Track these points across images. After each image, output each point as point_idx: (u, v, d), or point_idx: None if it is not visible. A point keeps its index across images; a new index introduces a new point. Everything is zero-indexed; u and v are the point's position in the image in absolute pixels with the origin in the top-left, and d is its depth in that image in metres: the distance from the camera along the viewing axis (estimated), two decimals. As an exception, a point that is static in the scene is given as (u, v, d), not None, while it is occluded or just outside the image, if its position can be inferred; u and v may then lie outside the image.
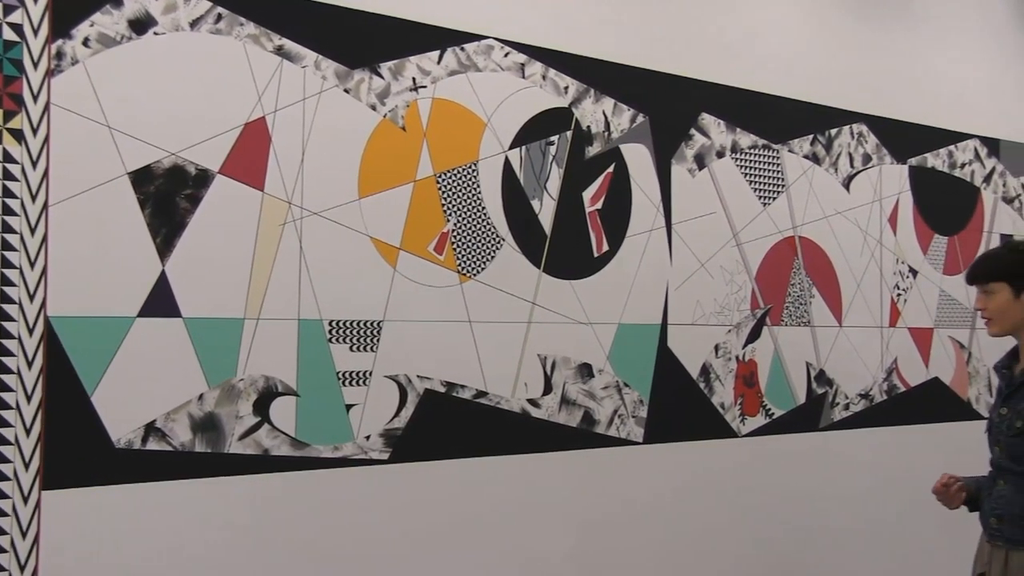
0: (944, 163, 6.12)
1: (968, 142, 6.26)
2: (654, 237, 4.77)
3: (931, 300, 6.04)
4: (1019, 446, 2.86)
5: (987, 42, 6.43)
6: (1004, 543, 2.90)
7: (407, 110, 4.06)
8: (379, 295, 3.97)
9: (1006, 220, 6.48)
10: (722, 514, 5.00)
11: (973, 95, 6.33)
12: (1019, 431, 2.86)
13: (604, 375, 4.58)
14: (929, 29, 6.08)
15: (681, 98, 4.90)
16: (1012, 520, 2.87)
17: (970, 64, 6.32)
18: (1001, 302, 2.94)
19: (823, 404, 5.46)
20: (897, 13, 5.92)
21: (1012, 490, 2.88)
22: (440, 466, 4.10)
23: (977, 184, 6.31)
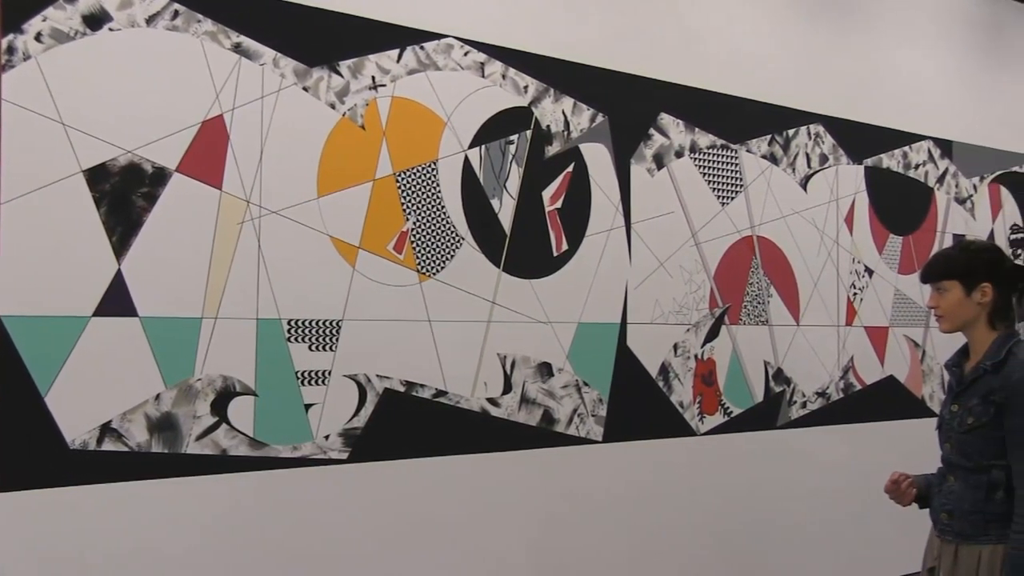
0: (899, 164, 6.19)
1: (922, 143, 6.34)
2: (613, 236, 4.79)
3: (886, 299, 6.10)
4: (970, 442, 2.89)
5: (940, 45, 6.52)
6: (954, 538, 2.94)
7: (366, 109, 4.05)
8: (338, 294, 3.95)
9: (959, 220, 6.56)
10: (681, 512, 5.03)
11: (927, 97, 6.41)
12: (970, 428, 2.89)
13: (564, 374, 4.59)
14: (884, 31, 6.15)
15: (640, 98, 4.92)
16: (962, 515, 2.91)
17: (924, 66, 6.40)
18: (953, 300, 2.97)
19: (781, 402, 5.50)
20: (853, 15, 5.98)
21: (962, 486, 2.92)
22: (399, 465, 4.09)
23: (931, 185, 6.39)
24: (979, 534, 2.87)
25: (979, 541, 2.87)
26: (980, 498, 2.87)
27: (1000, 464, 2.84)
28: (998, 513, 2.84)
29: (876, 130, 6.06)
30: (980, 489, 2.87)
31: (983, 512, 2.87)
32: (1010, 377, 2.83)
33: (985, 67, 6.82)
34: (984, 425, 2.86)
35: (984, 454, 2.87)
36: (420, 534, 4.13)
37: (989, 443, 2.85)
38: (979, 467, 2.88)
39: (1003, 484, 2.83)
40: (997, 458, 2.84)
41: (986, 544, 2.85)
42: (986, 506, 2.86)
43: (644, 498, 4.88)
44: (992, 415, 2.84)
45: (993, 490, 2.85)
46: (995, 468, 2.85)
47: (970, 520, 2.89)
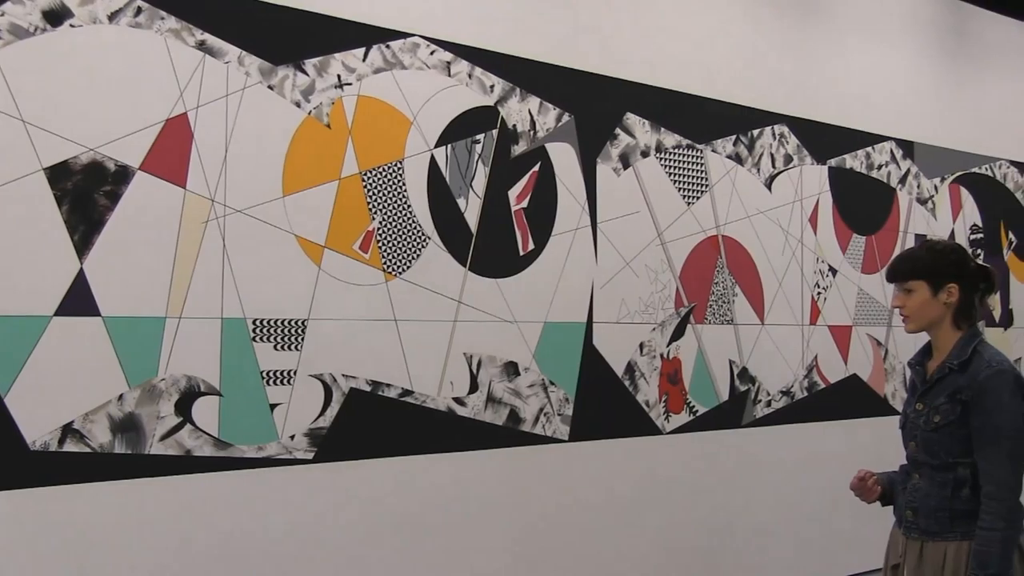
0: (862, 164, 6.25)
1: (885, 144, 6.40)
2: (579, 236, 4.80)
3: (850, 298, 6.16)
4: (936, 441, 2.91)
5: (903, 47, 6.58)
6: (919, 535, 2.96)
7: (332, 107, 4.03)
8: (304, 293, 3.93)
9: (920, 220, 6.63)
10: (647, 510, 5.05)
11: (889, 98, 6.47)
12: (937, 426, 2.90)
13: (530, 373, 4.59)
14: (848, 33, 6.21)
15: (606, 98, 4.94)
16: (928, 512, 2.93)
17: (886, 68, 6.46)
18: (920, 300, 2.97)
19: (746, 401, 5.53)
20: (818, 17, 6.02)
21: (928, 484, 2.94)
22: (365, 465, 4.08)
23: (893, 185, 6.46)
24: (945, 531, 2.89)
25: (945, 538, 2.89)
26: (946, 495, 2.89)
27: (966, 462, 2.87)
28: (964, 510, 2.86)
29: (840, 131, 6.12)
30: (946, 487, 2.90)
31: (949, 509, 2.89)
32: (977, 376, 2.85)
33: (947, 69, 6.89)
34: (951, 423, 2.88)
35: (950, 452, 2.88)
36: (386, 534, 4.12)
37: (955, 441, 2.87)
38: (945, 465, 2.90)
39: (969, 482, 2.86)
40: (963, 456, 2.86)
41: (952, 541, 2.87)
42: (952, 503, 2.88)
43: (610, 497, 4.89)
44: (959, 414, 2.86)
45: (959, 487, 2.87)
46: (961, 466, 2.87)
47: (936, 517, 2.91)
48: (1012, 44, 7.45)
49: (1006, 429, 2.79)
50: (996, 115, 7.28)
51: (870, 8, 6.35)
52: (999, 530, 2.74)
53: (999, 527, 2.74)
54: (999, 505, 2.76)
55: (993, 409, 2.81)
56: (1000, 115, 7.32)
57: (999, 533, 2.74)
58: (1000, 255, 7.24)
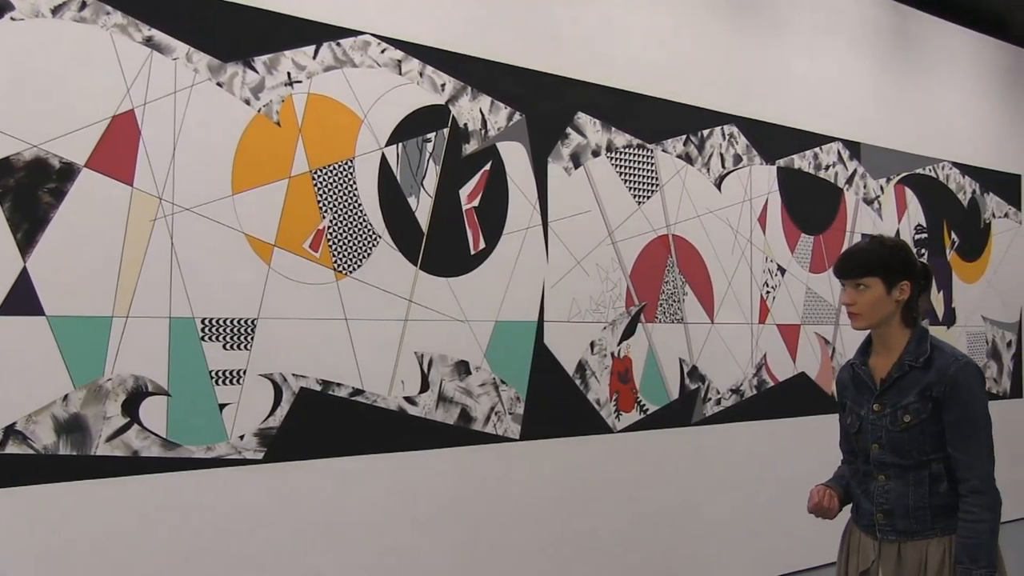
0: (810, 165, 6.32)
1: (832, 145, 6.48)
2: (530, 235, 4.81)
3: (798, 297, 6.22)
4: (907, 440, 2.85)
5: (850, 50, 6.66)
6: (897, 536, 2.89)
7: (282, 105, 4.01)
8: (253, 292, 3.90)
9: (867, 220, 6.72)
10: (598, 508, 5.07)
11: (836, 100, 6.55)
12: (907, 425, 2.84)
13: (481, 372, 4.59)
14: (796, 36, 6.28)
15: (557, 97, 4.95)
16: (904, 513, 2.87)
17: (834, 70, 6.54)
18: (873, 297, 2.89)
19: (696, 399, 5.57)
20: (766, 19, 6.09)
21: (899, 484, 2.88)
22: (316, 465, 4.06)
23: (840, 185, 6.54)
24: (925, 529, 2.85)
25: (925, 536, 2.85)
26: (924, 493, 2.85)
27: (938, 457, 2.84)
28: (943, 506, 2.83)
29: (788, 131, 6.18)
30: (923, 484, 2.85)
31: (929, 507, 2.84)
32: (947, 370, 2.81)
33: (892, 73, 6.99)
34: (923, 421, 2.83)
35: (923, 450, 2.84)
36: (337, 534, 4.11)
37: (927, 439, 2.83)
38: (919, 463, 2.85)
39: (944, 476, 2.84)
40: (935, 452, 2.83)
41: (932, 538, 2.84)
42: (932, 500, 2.84)
43: (561, 495, 4.91)
44: (931, 411, 2.82)
45: (936, 483, 2.84)
46: (935, 462, 2.84)
47: (916, 516, 2.86)
48: (954, 49, 7.58)
49: (981, 421, 2.80)
50: (939, 118, 7.40)
51: (818, 12, 6.43)
52: (987, 521, 2.74)
53: (986, 519, 2.74)
54: (985, 498, 2.75)
55: (967, 401, 2.80)
56: (943, 118, 7.44)
57: (987, 524, 2.74)
58: (943, 255, 7.36)
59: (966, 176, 7.62)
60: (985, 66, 7.90)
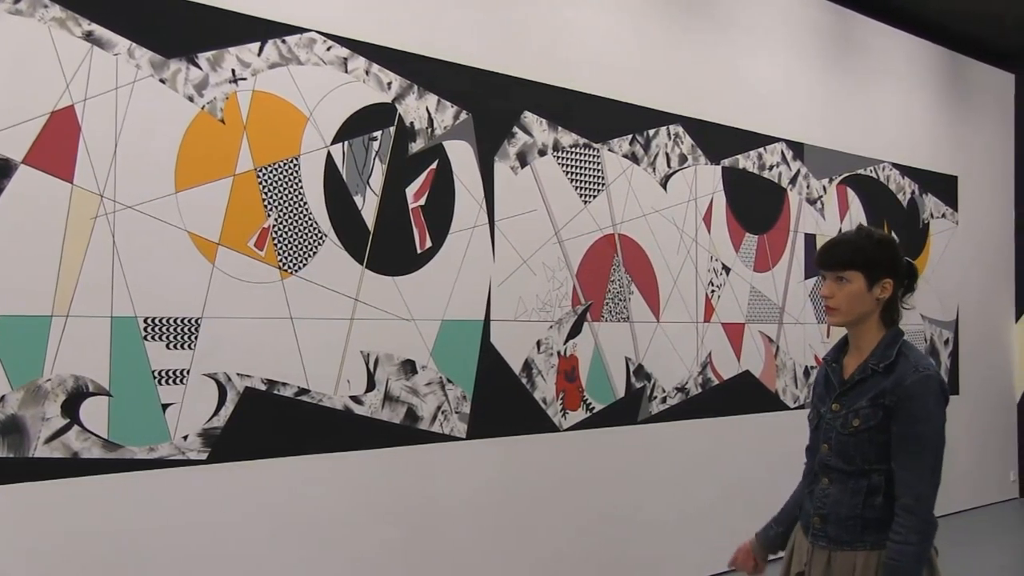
0: (754, 165, 6.39)
1: (775, 145, 6.55)
2: (477, 234, 4.81)
3: (742, 296, 6.29)
4: (852, 445, 2.72)
5: (793, 52, 6.74)
6: (827, 543, 2.76)
7: (226, 102, 3.97)
8: (197, 291, 3.86)
9: (810, 220, 6.81)
10: (545, 507, 5.08)
11: (780, 101, 6.63)
12: (855, 430, 2.71)
13: (427, 371, 4.59)
14: (740, 37, 6.34)
15: (504, 96, 4.96)
16: (837, 521, 2.74)
17: (777, 71, 6.61)
18: (853, 292, 2.72)
19: (642, 398, 5.61)
20: (712, 21, 6.14)
21: (838, 489, 2.76)
22: (261, 465, 4.02)
23: (784, 185, 6.61)
24: (855, 540, 2.72)
25: (854, 547, 2.72)
26: (858, 503, 2.71)
27: (881, 468, 2.69)
28: (875, 519, 2.69)
29: (733, 132, 6.24)
30: (859, 494, 2.72)
31: (861, 517, 2.71)
32: (903, 380, 2.65)
33: (834, 75, 7.09)
34: (871, 428, 2.68)
35: (866, 458, 2.70)
36: (282, 534, 4.08)
37: (873, 447, 2.69)
38: (860, 471, 2.72)
39: (882, 489, 2.69)
40: (879, 462, 2.69)
41: (861, 550, 2.70)
42: (864, 512, 2.70)
43: (508, 494, 4.92)
44: (880, 419, 2.67)
45: (872, 495, 2.70)
46: (876, 473, 2.70)
47: (847, 526, 2.73)
48: (895, 53, 7.71)
49: (929, 439, 2.62)
50: (880, 120, 7.52)
51: (762, 14, 6.50)
52: (913, 544, 2.58)
53: (913, 541, 2.58)
54: (915, 520, 2.59)
55: (919, 417, 2.62)
56: (883, 120, 7.56)
57: (912, 548, 2.58)
58: (885, 254, 7.46)
59: (906, 177, 7.75)
60: (925, 70, 8.04)
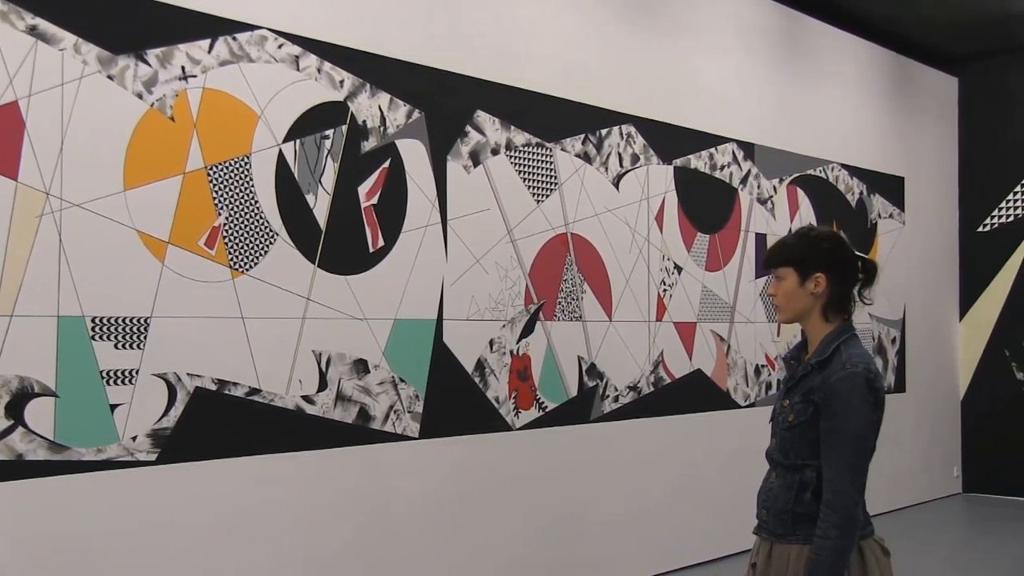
0: (706, 165, 6.44)
1: (727, 145, 6.61)
2: (430, 233, 4.80)
3: (694, 295, 6.33)
4: (789, 440, 2.81)
5: (743, 53, 6.81)
6: (768, 535, 2.87)
7: (176, 100, 3.93)
8: (146, 290, 3.82)
9: (760, 219, 6.88)
10: (498, 506, 5.08)
11: (731, 102, 6.68)
12: (790, 425, 2.80)
13: (380, 371, 4.57)
14: (693, 38, 6.38)
15: (457, 95, 4.95)
16: (775, 513, 2.83)
17: (729, 73, 6.67)
18: (788, 288, 2.82)
19: (594, 396, 5.63)
20: (664, 22, 6.17)
21: (779, 484, 2.84)
22: (212, 466, 3.99)
23: (735, 185, 6.67)
24: (788, 533, 2.80)
25: (788, 540, 2.80)
26: (790, 498, 2.80)
27: (813, 464, 2.77)
28: (804, 514, 2.78)
29: (684, 132, 6.28)
30: (792, 489, 2.81)
31: (792, 512, 2.80)
32: (829, 377, 2.73)
33: (785, 76, 7.16)
34: (802, 424, 2.77)
35: (799, 453, 2.79)
36: (233, 535, 4.04)
37: (805, 443, 2.77)
38: (794, 466, 2.81)
39: (812, 485, 2.78)
40: (811, 458, 2.77)
41: (794, 544, 2.79)
42: (795, 506, 2.79)
43: (461, 493, 4.91)
44: (810, 415, 2.75)
45: (803, 490, 2.79)
46: (808, 468, 2.78)
47: (781, 519, 2.82)
48: (844, 55, 7.80)
49: (850, 435, 2.69)
50: (829, 121, 7.61)
51: (714, 15, 6.55)
52: (831, 539, 2.66)
53: (832, 536, 2.66)
54: (835, 514, 2.66)
55: (840, 413, 2.69)
56: (832, 121, 7.66)
57: (831, 543, 2.66)
58: (834, 254, 7.55)
59: (854, 178, 7.85)
60: (873, 73, 8.15)
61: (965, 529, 8.06)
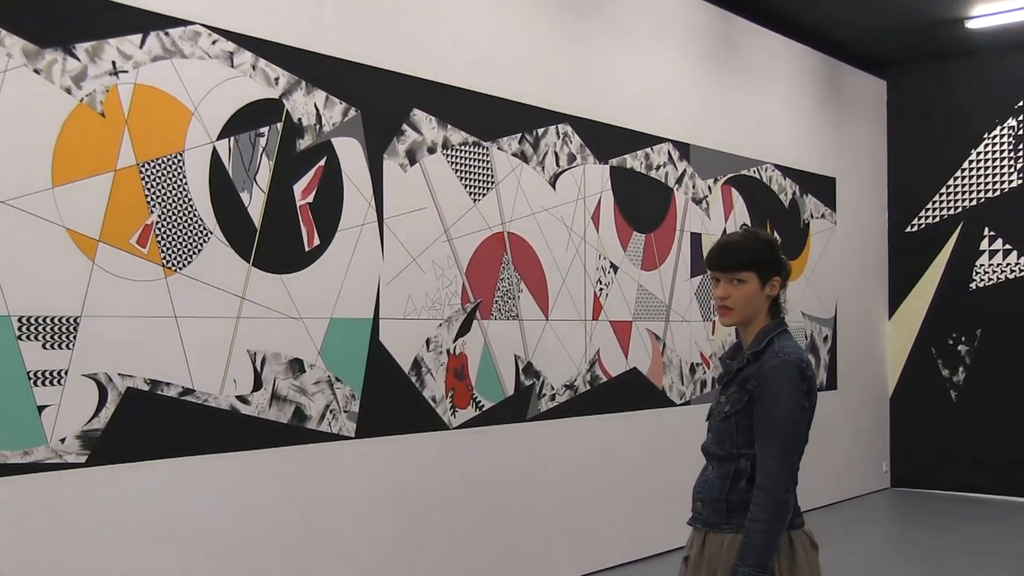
0: (641, 164, 6.49)
1: (662, 145, 6.66)
2: (366, 231, 4.78)
3: (630, 294, 6.38)
4: (724, 431, 2.87)
5: (678, 54, 6.87)
6: (702, 526, 2.91)
7: (106, 95, 3.86)
8: (76, 289, 3.75)
9: (696, 219, 6.95)
10: (434, 504, 5.08)
11: (667, 102, 6.74)
12: (726, 415, 2.86)
13: (316, 370, 4.54)
14: (628, 39, 6.43)
15: (393, 93, 4.93)
16: (710, 503, 2.88)
17: (664, 73, 6.73)
18: (748, 292, 2.84)
19: (531, 395, 5.65)
20: (600, 22, 6.21)
21: (714, 474, 2.90)
22: (144, 467, 3.93)
23: (670, 185, 6.73)
24: (722, 523, 2.86)
25: (722, 530, 2.86)
26: (725, 487, 2.86)
27: (748, 453, 2.83)
28: (738, 502, 2.83)
29: (620, 131, 6.33)
30: (726, 478, 2.86)
31: (726, 500, 2.85)
32: (763, 366, 2.80)
33: (719, 77, 7.24)
34: (737, 413, 2.83)
35: (735, 442, 2.85)
36: (166, 536, 3.98)
37: (740, 431, 2.83)
38: (729, 455, 2.87)
39: (746, 474, 2.83)
40: (746, 447, 2.83)
41: (728, 533, 2.84)
42: (729, 495, 2.85)
43: (397, 493, 4.90)
44: (745, 403, 2.82)
45: (737, 479, 2.84)
46: (743, 457, 2.84)
47: (715, 508, 2.87)
48: (775, 56, 7.92)
49: (781, 421, 2.75)
50: (762, 122, 7.72)
51: (649, 16, 6.60)
52: (761, 521, 2.72)
53: (761, 519, 2.72)
54: (766, 497, 2.73)
55: (772, 399, 2.76)
56: (766, 122, 7.76)
57: (761, 524, 2.71)
58: (767, 253, 7.66)
59: (787, 178, 7.97)
60: (805, 75, 8.28)
61: (893, 522, 8.23)
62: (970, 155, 9.03)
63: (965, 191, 9.05)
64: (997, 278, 8.87)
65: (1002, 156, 8.87)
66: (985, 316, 8.90)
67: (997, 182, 8.90)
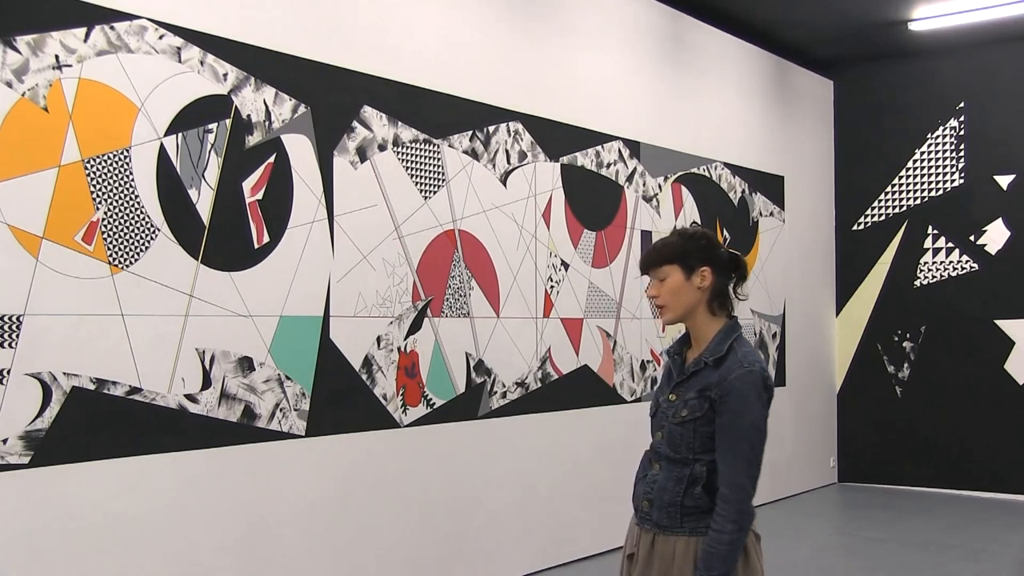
0: (592, 162, 6.51)
1: (613, 143, 6.69)
2: (316, 229, 4.75)
3: (581, 292, 6.40)
4: (680, 434, 2.86)
5: (628, 52, 6.90)
6: (652, 527, 2.92)
7: (49, 90, 3.80)
8: (19, 287, 3.68)
9: (646, 217, 6.98)
10: (386, 503, 5.06)
11: (617, 100, 6.77)
12: (683, 420, 2.85)
13: (265, 368, 4.50)
14: (578, 36, 6.45)
15: (343, 90, 4.90)
16: (661, 506, 2.88)
17: (614, 71, 6.75)
18: (673, 285, 2.87)
19: (482, 393, 5.65)
20: (551, 19, 6.22)
21: (665, 476, 2.90)
22: (89, 468, 3.87)
23: (621, 183, 6.76)
24: (675, 526, 2.87)
25: (675, 532, 2.86)
26: (679, 491, 2.86)
27: (704, 459, 2.84)
28: (693, 507, 2.84)
29: (571, 129, 6.34)
30: (681, 482, 2.86)
31: (680, 505, 2.85)
32: (728, 375, 2.80)
33: (669, 75, 7.29)
34: (696, 419, 2.83)
35: (691, 448, 2.85)
36: (113, 538, 3.93)
37: (698, 438, 2.84)
38: (684, 460, 2.86)
39: (702, 480, 2.84)
40: (703, 453, 2.84)
41: (681, 536, 2.85)
42: (684, 500, 2.85)
43: (348, 491, 4.87)
44: (705, 410, 2.82)
45: (692, 484, 2.84)
46: (699, 463, 2.84)
47: (668, 512, 2.87)
48: (724, 55, 7.98)
49: (746, 431, 2.77)
50: (711, 120, 7.78)
51: (601, 15, 6.62)
52: (727, 532, 2.74)
53: (728, 529, 2.74)
54: (730, 508, 2.75)
55: (737, 410, 2.77)
56: (715, 121, 7.82)
57: (727, 536, 2.74)
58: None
59: (736, 176, 8.03)
60: (753, 74, 8.36)
61: (839, 517, 8.33)
62: (914, 154, 9.17)
63: (909, 190, 9.19)
64: (940, 276, 9.01)
65: (945, 156, 9.02)
66: (929, 313, 9.05)
67: (940, 181, 9.04)
